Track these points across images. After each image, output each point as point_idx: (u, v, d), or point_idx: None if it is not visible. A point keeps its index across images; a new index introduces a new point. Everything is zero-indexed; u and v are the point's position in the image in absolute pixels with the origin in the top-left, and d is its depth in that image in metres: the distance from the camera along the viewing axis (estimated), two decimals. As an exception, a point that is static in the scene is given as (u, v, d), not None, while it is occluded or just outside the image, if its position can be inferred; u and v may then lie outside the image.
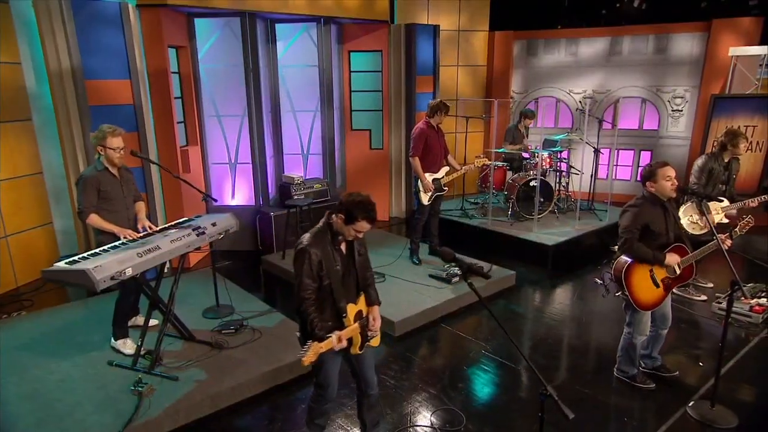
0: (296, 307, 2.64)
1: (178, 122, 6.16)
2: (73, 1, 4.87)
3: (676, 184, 3.36)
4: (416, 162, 5.53)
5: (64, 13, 4.88)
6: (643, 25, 8.78)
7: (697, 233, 4.84)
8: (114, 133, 3.73)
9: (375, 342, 2.91)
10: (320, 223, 2.71)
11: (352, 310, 2.72)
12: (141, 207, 4.07)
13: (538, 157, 6.88)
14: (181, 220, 4.14)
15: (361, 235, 2.69)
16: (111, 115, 5.23)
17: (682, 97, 8.56)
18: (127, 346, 3.94)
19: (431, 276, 5.47)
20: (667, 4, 9.81)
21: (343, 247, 2.73)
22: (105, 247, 3.42)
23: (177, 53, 6.19)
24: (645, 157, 8.95)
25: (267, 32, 6.87)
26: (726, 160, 4.83)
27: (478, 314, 5.04)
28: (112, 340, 4.00)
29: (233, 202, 6.86)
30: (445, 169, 5.74)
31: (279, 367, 3.77)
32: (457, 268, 5.45)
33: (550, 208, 7.10)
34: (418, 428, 3.37)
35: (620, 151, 9.01)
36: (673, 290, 5.24)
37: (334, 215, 2.64)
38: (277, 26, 6.95)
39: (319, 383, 2.83)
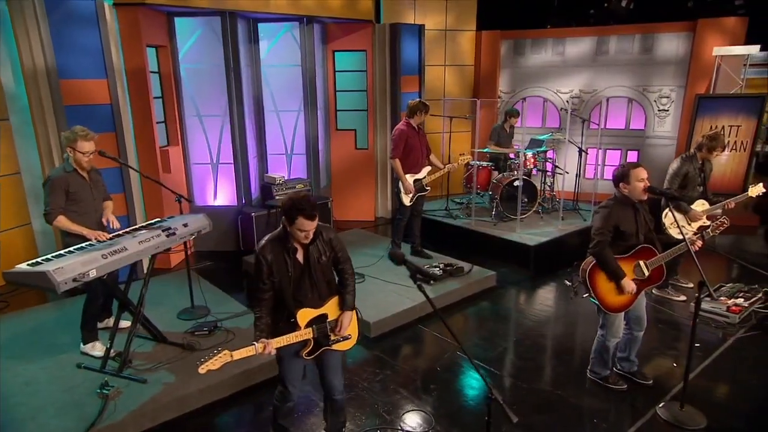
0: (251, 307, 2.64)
1: (158, 122, 6.12)
2: (47, 0, 4.82)
3: (648, 185, 3.34)
4: (397, 164, 5.50)
5: (37, 12, 4.83)
6: (629, 24, 8.78)
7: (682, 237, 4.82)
8: (86, 137, 3.68)
9: (343, 346, 2.87)
10: (277, 229, 2.70)
11: (305, 315, 2.70)
12: (108, 205, 4.03)
13: (521, 156, 6.86)
14: (152, 221, 4.10)
15: (307, 236, 2.60)
16: (87, 114, 5.20)
17: (668, 97, 8.56)
18: (96, 348, 3.89)
19: (410, 277, 5.43)
20: (654, 4, 9.82)
21: (300, 252, 2.69)
22: (71, 249, 3.38)
23: (157, 53, 6.15)
24: (632, 157, 8.94)
25: (249, 32, 6.83)
26: (700, 162, 4.82)
27: (456, 315, 5.02)
28: (81, 344, 3.95)
29: (216, 203, 6.82)
30: (427, 169, 5.72)
31: (249, 369, 3.74)
32: (436, 269, 5.43)
33: (534, 209, 7.08)
34: (387, 430, 3.34)
35: (607, 151, 9.00)
36: (653, 291, 5.32)
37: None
38: (260, 26, 6.91)
39: (281, 380, 2.85)
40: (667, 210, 4.79)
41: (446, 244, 6.68)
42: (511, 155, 7.36)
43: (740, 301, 4.79)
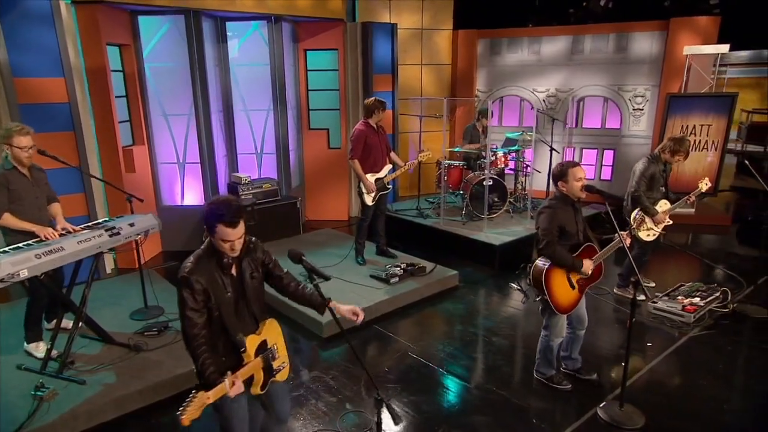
0: (185, 346, 2.25)
1: (122, 121, 6.08)
2: (0, -1, 4.78)
3: (585, 184, 3.32)
4: (356, 164, 5.47)
5: (-10, 10, 4.79)
6: (604, 24, 8.77)
7: (651, 239, 4.83)
8: (21, 131, 3.64)
9: (282, 376, 2.54)
10: (203, 244, 2.31)
11: (252, 342, 2.33)
12: (58, 209, 3.98)
13: (490, 156, 6.83)
14: (99, 221, 4.07)
15: (233, 247, 2.23)
16: (44, 113, 5.16)
17: (642, 96, 8.54)
18: (40, 349, 3.86)
19: (372, 276, 5.42)
20: (632, 3, 9.83)
21: (233, 269, 2.34)
22: (5, 249, 3.34)
23: (121, 51, 6.11)
24: (608, 156, 8.93)
25: (217, 30, 6.79)
26: (663, 163, 4.81)
27: (414, 314, 4.99)
28: (25, 343, 3.91)
29: (185, 202, 6.78)
30: (388, 167, 5.69)
31: (193, 369, 3.69)
32: (397, 269, 5.40)
33: (504, 208, 7.07)
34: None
35: (584, 150, 8.99)
36: (614, 290, 5.31)
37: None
38: (229, 24, 6.88)
39: None
40: (635, 212, 4.80)
41: (416, 244, 6.66)
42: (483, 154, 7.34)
43: (696, 300, 4.77)
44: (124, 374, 3.65)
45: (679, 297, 4.88)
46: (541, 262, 3.43)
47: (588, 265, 3.36)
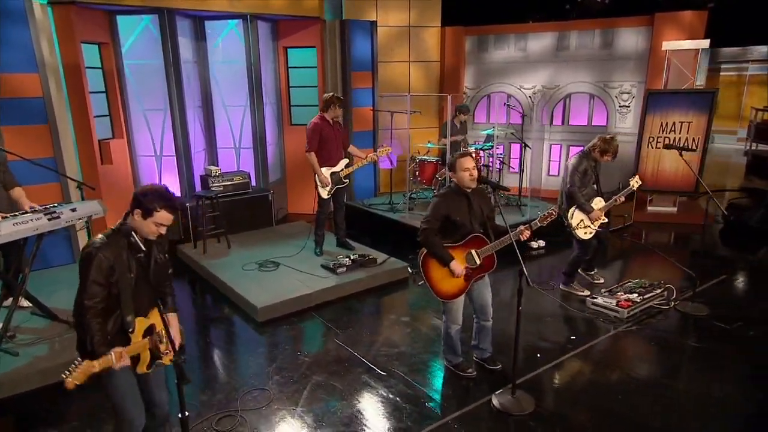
0: (75, 316, 2.35)
1: (99, 116, 6.43)
2: (-24, -1, 5.15)
3: (474, 175, 3.39)
4: (312, 157, 5.64)
5: (-34, 10, 5.17)
6: (589, 20, 8.66)
7: (588, 237, 4.84)
8: None
9: (167, 360, 2.60)
10: (117, 224, 2.45)
11: (141, 324, 2.46)
12: (20, 193, 4.31)
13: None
14: (47, 205, 4.36)
15: (163, 231, 2.43)
16: (18, 107, 5.51)
17: (629, 93, 8.42)
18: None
19: (322, 266, 5.58)
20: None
21: (142, 252, 2.45)
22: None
23: (100, 49, 6.46)
24: (594, 154, 8.82)
25: (195, 29, 7.08)
26: (594, 161, 4.81)
27: (354, 303, 5.10)
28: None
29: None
30: (344, 161, 5.83)
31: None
32: (346, 259, 5.54)
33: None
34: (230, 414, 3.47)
35: (570, 147, 8.90)
36: (560, 286, 5.31)
37: (130, 214, 2.41)
38: (207, 23, 7.16)
39: (117, 412, 2.49)
40: (572, 210, 4.81)
41: (384, 237, 6.79)
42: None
43: (634, 296, 4.74)
44: (57, 348, 3.92)
45: (619, 293, 4.85)
46: (423, 249, 3.52)
47: (457, 269, 3.40)
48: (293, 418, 3.34)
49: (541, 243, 6.67)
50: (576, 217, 4.76)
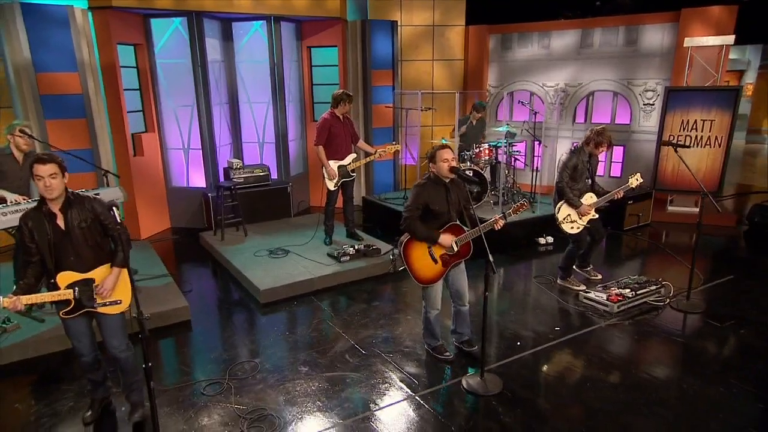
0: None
1: (133, 111, 6.97)
2: (23, 6, 5.73)
3: (453, 165, 3.56)
4: (320, 150, 5.93)
5: (16, 15, 5.75)
6: (613, 16, 8.54)
7: (575, 232, 4.91)
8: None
9: (111, 310, 3.05)
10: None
11: (65, 278, 2.93)
12: None
13: (474, 149, 7.04)
14: (73, 191, 4.84)
15: (47, 183, 2.77)
16: (61, 103, 6.11)
17: (653, 91, 8.25)
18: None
19: (327, 255, 5.86)
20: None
21: (60, 218, 2.90)
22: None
23: (135, 50, 6.99)
24: (617, 153, 8.71)
25: (224, 30, 7.52)
26: (587, 156, 4.85)
27: (352, 291, 5.34)
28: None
29: (191, 184, 7.59)
30: (352, 156, 6.09)
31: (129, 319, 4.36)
32: (351, 249, 5.80)
33: (484, 199, 7.21)
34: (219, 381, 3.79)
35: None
36: (557, 281, 5.38)
37: None
38: (234, 24, 7.59)
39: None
40: (560, 205, 4.89)
41: (390, 229, 7.00)
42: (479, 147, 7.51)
43: (626, 291, 4.76)
44: (78, 318, 4.38)
45: (613, 288, 4.88)
46: (405, 236, 3.71)
47: (447, 240, 3.59)
48: (274, 388, 3.63)
49: (550, 240, 6.70)
50: (563, 211, 4.82)
